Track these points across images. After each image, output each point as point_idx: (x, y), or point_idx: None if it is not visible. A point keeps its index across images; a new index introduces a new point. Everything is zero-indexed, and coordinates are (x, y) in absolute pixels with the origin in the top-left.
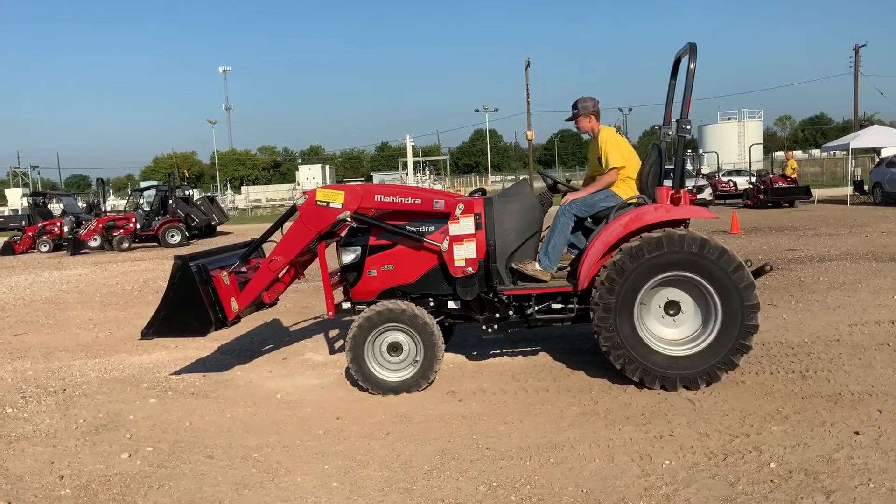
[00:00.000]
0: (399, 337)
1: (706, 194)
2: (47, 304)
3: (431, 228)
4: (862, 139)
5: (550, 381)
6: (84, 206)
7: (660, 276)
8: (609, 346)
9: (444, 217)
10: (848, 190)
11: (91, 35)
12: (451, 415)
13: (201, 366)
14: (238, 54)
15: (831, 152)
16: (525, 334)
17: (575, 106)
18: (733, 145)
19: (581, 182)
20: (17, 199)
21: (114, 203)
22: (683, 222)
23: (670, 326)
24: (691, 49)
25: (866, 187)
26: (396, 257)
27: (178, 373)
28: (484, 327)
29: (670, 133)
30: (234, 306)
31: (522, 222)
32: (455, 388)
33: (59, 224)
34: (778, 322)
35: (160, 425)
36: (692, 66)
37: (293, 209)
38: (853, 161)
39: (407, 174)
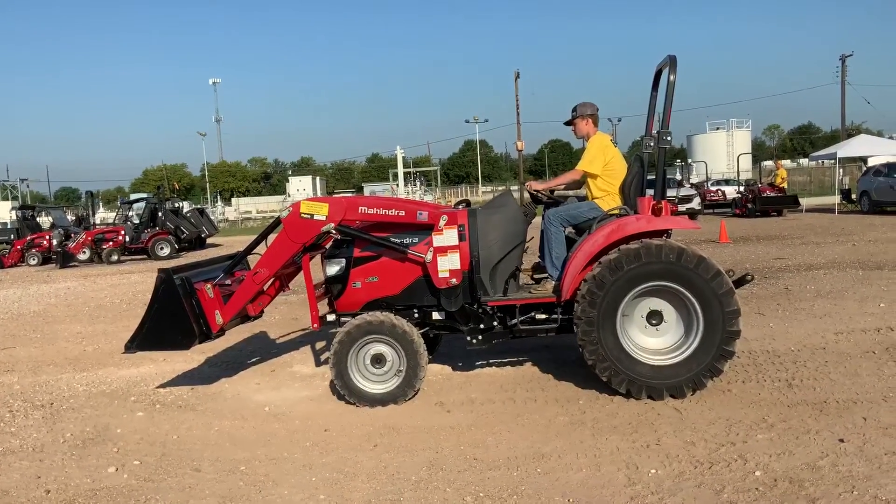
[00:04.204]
0: (381, 348)
1: (695, 204)
2: (35, 317)
3: (416, 240)
4: (849, 148)
5: (538, 391)
6: (73, 218)
7: (640, 287)
8: (594, 359)
9: (428, 229)
10: (836, 199)
11: (80, 48)
12: (438, 426)
13: (189, 379)
14: (228, 66)
15: (819, 161)
16: (513, 345)
17: (575, 109)
18: (722, 155)
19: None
20: (5, 212)
21: (103, 216)
22: (665, 233)
23: (654, 336)
24: (671, 61)
25: (854, 196)
26: (381, 269)
27: (165, 386)
28: (469, 338)
29: (651, 145)
30: (219, 319)
31: (506, 233)
32: (443, 399)
33: (47, 237)
34: (764, 330)
35: (147, 439)
36: (672, 78)
37: (277, 221)
38: (841, 170)
39: (398, 185)
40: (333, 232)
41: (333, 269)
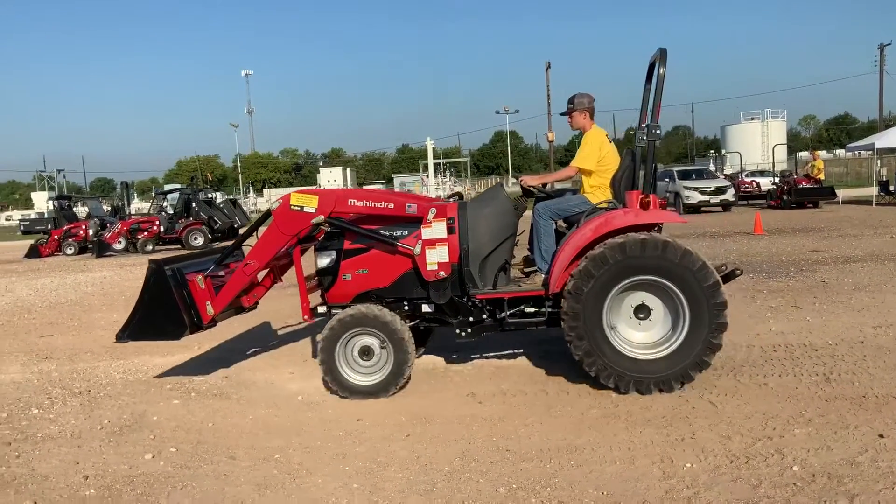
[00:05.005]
0: (369, 341)
1: (729, 195)
2: (73, 305)
3: (405, 233)
4: (887, 139)
5: (570, 383)
6: (109, 209)
7: (626, 282)
8: (582, 354)
9: (417, 221)
10: (873, 190)
11: (114, 41)
12: (471, 416)
13: (223, 367)
14: (260, 58)
15: (856, 152)
16: (544, 336)
17: (571, 101)
18: (756, 146)
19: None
20: (43, 202)
21: (138, 206)
22: (654, 226)
23: (642, 330)
24: (661, 54)
25: (892, 187)
26: (370, 261)
27: (200, 374)
28: (457, 331)
29: (644, 138)
30: (210, 310)
31: (496, 227)
32: (475, 390)
33: (84, 227)
34: (801, 324)
35: (183, 426)
36: (662, 71)
37: (268, 214)
38: (878, 161)
39: (427, 176)
40: (326, 226)
41: (324, 261)
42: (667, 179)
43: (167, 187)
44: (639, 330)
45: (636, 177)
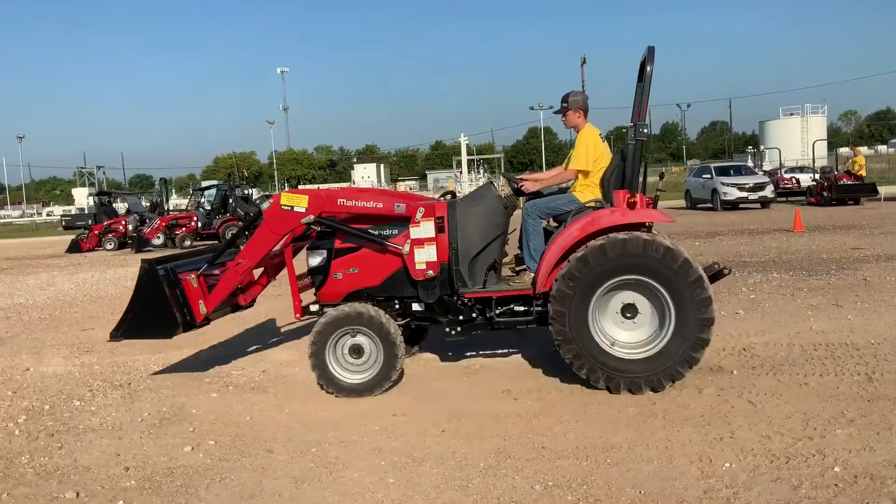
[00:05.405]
0: (359, 339)
1: (768, 192)
2: (113, 300)
3: (395, 232)
4: None
5: None
6: (147, 205)
7: (610, 282)
8: (570, 356)
9: (407, 221)
10: None
11: (152, 39)
12: (506, 413)
13: (261, 361)
14: (295, 55)
15: None
16: None
17: (565, 100)
18: (796, 141)
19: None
20: (83, 198)
21: (176, 202)
22: (644, 226)
23: (629, 329)
24: (649, 52)
25: None
26: (361, 260)
27: (238, 368)
28: (447, 329)
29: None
30: (203, 308)
31: (486, 225)
32: (510, 387)
33: (123, 223)
34: (842, 322)
35: (221, 419)
36: (649, 69)
37: (259, 214)
38: None
39: (461, 172)
40: (321, 225)
41: (316, 259)
42: (705, 176)
43: (204, 184)
44: (627, 329)
45: (625, 176)
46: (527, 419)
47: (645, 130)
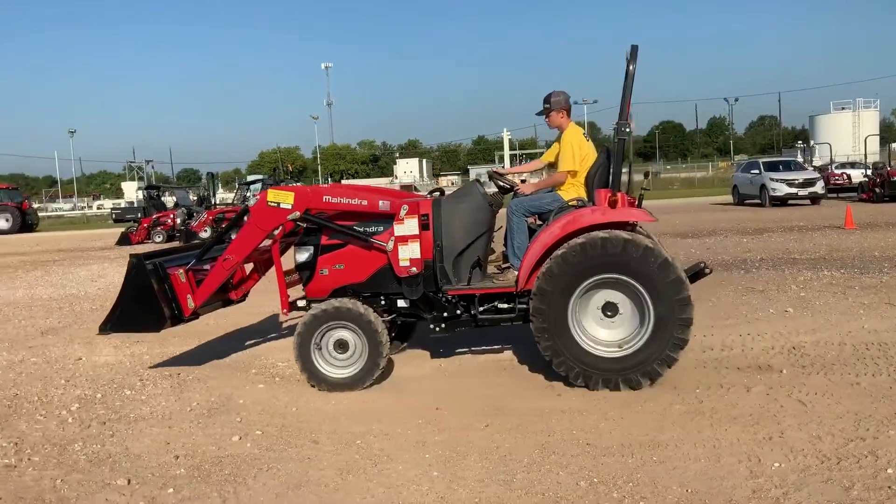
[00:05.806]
0: (344, 334)
1: (818, 188)
2: None
3: (381, 229)
4: None
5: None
6: (195, 198)
7: (589, 281)
8: (550, 354)
9: (392, 218)
10: None
11: (199, 36)
12: (550, 409)
13: None
14: (340, 51)
15: None
16: None
17: (547, 101)
18: (847, 136)
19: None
20: (132, 192)
21: (222, 196)
22: (629, 225)
23: (610, 328)
24: (631, 51)
25: None
26: (347, 257)
27: (284, 359)
28: (431, 326)
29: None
30: (191, 303)
31: (471, 223)
32: (553, 383)
33: (172, 216)
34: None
35: (268, 410)
36: (631, 68)
37: (246, 210)
38: None
39: (503, 167)
40: (307, 222)
41: (303, 256)
42: (753, 171)
43: (250, 178)
44: (607, 328)
45: (609, 175)
46: (571, 415)
47: (627, 129)
